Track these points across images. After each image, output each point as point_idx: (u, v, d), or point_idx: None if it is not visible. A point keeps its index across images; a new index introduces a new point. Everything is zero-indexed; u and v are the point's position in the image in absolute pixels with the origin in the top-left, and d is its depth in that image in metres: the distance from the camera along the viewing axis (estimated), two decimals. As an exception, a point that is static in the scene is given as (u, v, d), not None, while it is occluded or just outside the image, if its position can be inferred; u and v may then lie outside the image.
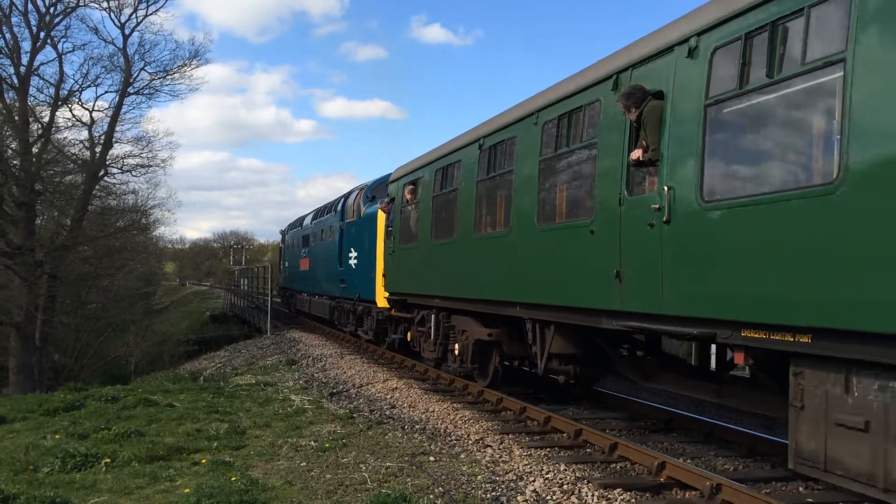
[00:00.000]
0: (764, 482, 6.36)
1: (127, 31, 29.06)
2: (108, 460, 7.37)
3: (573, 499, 6.08)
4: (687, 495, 6.19)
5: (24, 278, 24.58)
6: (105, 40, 38.56)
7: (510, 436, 8.42)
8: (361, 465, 7.12)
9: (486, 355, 10.72)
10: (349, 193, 21.07)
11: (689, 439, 8.15)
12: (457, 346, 11.29)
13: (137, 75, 29.72)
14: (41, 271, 25.44)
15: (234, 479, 6.50)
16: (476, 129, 10.58)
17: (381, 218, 15.52)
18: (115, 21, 29.22)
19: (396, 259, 13.93)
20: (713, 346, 6.69)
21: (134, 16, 29.02)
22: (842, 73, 4.58)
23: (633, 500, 6.00)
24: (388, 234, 14.68)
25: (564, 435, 8.37)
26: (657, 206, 6.13)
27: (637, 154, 6.36)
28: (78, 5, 28.04)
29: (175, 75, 30.43)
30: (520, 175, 8.81)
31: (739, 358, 5.80)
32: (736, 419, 8.95)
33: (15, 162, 26.23)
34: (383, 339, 16.70)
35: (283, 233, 37.54)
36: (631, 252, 6.55)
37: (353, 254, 18.93)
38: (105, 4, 28.31)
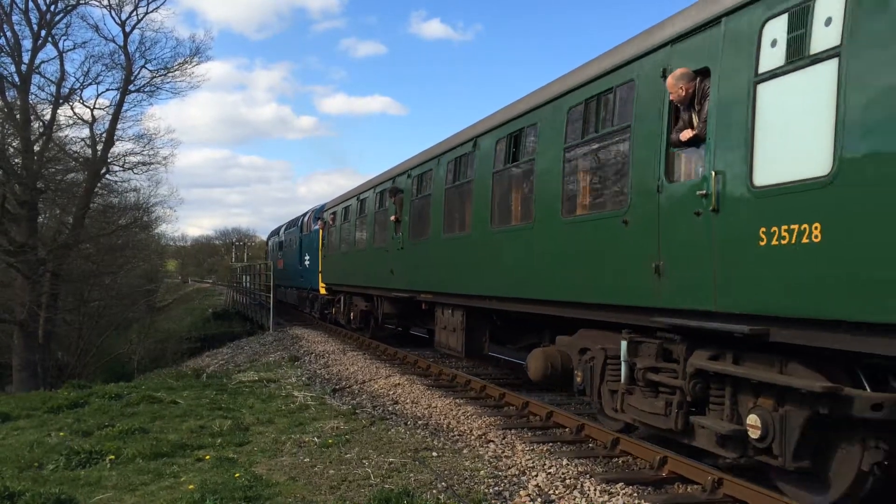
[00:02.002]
0: (765, 476, 6.37)
1: (127, 29, 29.03)
2: (113, 457, 7.41)
3: (575, 493, 6.10)
4: (689, 490, 6.22)
5: (27, 276, 24.63)
6: (106, 38, 38.98)
7: (513, 431, 8.46)
8: (364, 461, 7.15)
9: (367, 319, 18.50)
10: (306, 213, 29.01)
11: (691, 434, 8.17)
12: (352, 314, 19.37)
13: (138, 73, 29.68)
14: (44, 269, 25.49)
15: (237, 475, 6.53)
16: (358, 188, 18.54)
17: (321, 233, 23.23)
18: (116, 19, 29.23)
19: (327, 261, 22.32)
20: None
21: (134, 13, 28.98)
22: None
23: (635, 495, 6.02)
24: (323, 244, 22.88)
25: (567, 430, 8.41)
26: (400, 241, 13.77)
27: (393, 217, 13.79)
28: (78, 3, 28.03)
29: (176, 73, 30.40)
30: (369, 219, 16.78)
31: (423, 306, 13.37)
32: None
33: (17, 160, 26.23)
34: (325, 317, 24.49)
35: (268, 238, 46.40)
36: (396, 261, 14.06)
37: (307, 257, 26.48)
38: (105, 2, 28.27)
